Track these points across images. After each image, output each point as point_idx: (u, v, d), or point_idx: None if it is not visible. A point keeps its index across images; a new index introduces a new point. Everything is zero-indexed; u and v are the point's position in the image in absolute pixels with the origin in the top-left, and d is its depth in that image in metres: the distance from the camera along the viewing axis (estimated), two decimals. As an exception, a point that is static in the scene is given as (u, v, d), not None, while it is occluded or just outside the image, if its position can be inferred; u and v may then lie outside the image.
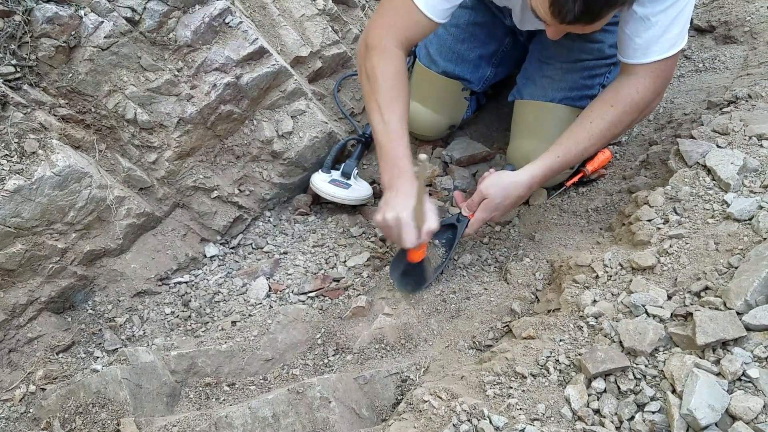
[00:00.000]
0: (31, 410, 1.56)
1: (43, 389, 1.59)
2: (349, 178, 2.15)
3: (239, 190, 2.06)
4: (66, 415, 1.48)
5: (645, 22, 1.66)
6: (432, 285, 1.85)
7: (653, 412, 1.19)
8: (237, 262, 2.03)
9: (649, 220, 1.63)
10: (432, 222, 1.70)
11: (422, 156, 1.57)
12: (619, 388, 1.26)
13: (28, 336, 1.67)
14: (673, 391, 1.18)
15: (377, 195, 2.27)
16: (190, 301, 1.87)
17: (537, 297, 1.76)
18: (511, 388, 1.33)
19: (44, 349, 1.68)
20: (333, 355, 1.68)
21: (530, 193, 1.89)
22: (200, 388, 1.59)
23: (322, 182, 2.12)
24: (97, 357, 1.70)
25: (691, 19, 2.69)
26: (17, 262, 1.60)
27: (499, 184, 1.79)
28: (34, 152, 1.60)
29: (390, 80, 1.77)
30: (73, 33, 1.68)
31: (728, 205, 1.53)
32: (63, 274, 1.71)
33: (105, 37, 1.71)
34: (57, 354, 1.69)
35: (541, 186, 1.93)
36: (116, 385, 1.48)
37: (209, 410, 1.45)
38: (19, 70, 1.64)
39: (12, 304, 1.63)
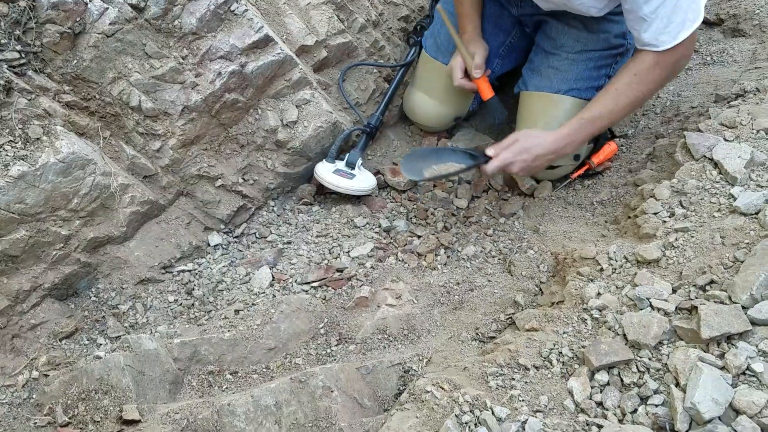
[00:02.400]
0: (33, 396, 1.56)
1: (46, 375, 1.59)
2: (353, 168, 2.14)
3: (243, 179, 2.06)
4: (69, 401, 1.48)
5: (646, 20, 1.68)
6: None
7: (656, 405, 1.19)
8: (240, 251, 2.03)
9: (655, 213, 1.63)
10: (478, 57, 2.12)
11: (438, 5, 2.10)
12: (622, 380, 1.25)
13: (31, 322, 1.67)
14: (677, 385, 1.18)
15: (381, 186, 2.26)
16: (193, 289, 1.87)
17: (541, 289, 1.75)
18: (514, 379, 1.32)
19: (47, 335, 1.68)
20: (336, 345, 1.68)
21: (557, 152, 1.89)
22: (203, 376, 1.59)
23: (327, 172, 2.12)
24: (100, 344, 1.70)
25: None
26: (21, 248, 1.60)
27: (532, 135, 1.88)
28: (38, 138, 1.60)
29: None
30: (78, 19, 1.67)
31: (735, 199, 1.52)
32: (66, 261, 1.71)
33: (110, 24, 1.70)
34: (60, 340, 1.69)
35: (570, 152, 1.97)
36: (119, 372, 1.49)
37: (212, 398, 1.45)
38: (23, 56, 1.63)
39: (15, 290, 1.63)
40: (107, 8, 1.70)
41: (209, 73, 1.87)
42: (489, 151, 1.87)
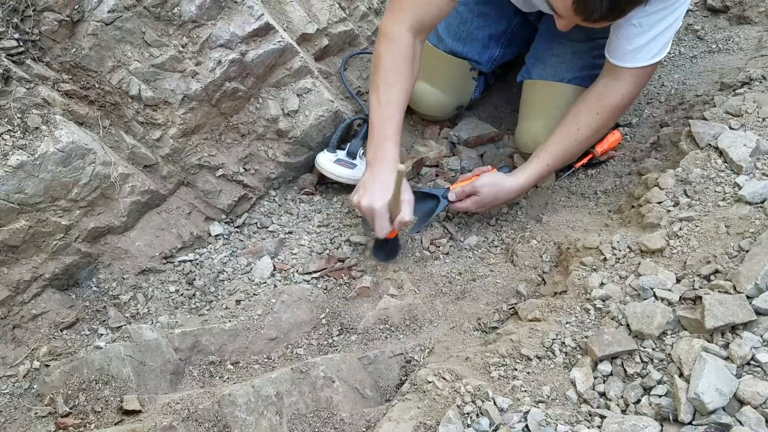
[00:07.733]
0: (34, 386, 1.56)
1: (47, 365, 1.59)
2: (354, 158, 2.12)
3: (244, 168, 2.05)
4: (69, 392, 1.48)
5: (637, 28, 1.74)
6: (401, 255, 1.91)
7: (660, 396, 1.18)
8: (242, 241, 2.02)
9: (659, 203, 1.61)
10: (406, 214, 1.73)
11: (401, 166, 1.61)
12: (625, 371, 1.25)
13: (32, 312, 1.66)
14: (681, 375, 1.17)
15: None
16: (194, 279, 1.86)
17: (543, 279, 1.74)
18: (516, 370, 1.32)
19: (48, 325, 1.68)
20: (337, 335, 1.67)
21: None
22: (204, 366, 1.59)
23: (328, 162, 2.10)
24: (101, 334, 1.70)
25: (705, -1, 2.66)
26: (21, 238, 1.60)
27: (493, 187, 1.86)
28: (37, 128, 1.59)
29: (392, 65, 1.81)
30: (76, 7, 1.66)
31: (740, 188, 1.51)
32: (67, 251, 1.70)
33: (109, 12, 1.69)
34: (61, 331, 1.68)
35: None
36: (120, 362, 1.48)
37: (213, 388, 1.45)
38: (22, 44, 1.62)
39: (16, 281, 1.62)
40: (106, -4, 1.69)
41: (209, 62, 1.86)
42: (451, 196, 1.90)
